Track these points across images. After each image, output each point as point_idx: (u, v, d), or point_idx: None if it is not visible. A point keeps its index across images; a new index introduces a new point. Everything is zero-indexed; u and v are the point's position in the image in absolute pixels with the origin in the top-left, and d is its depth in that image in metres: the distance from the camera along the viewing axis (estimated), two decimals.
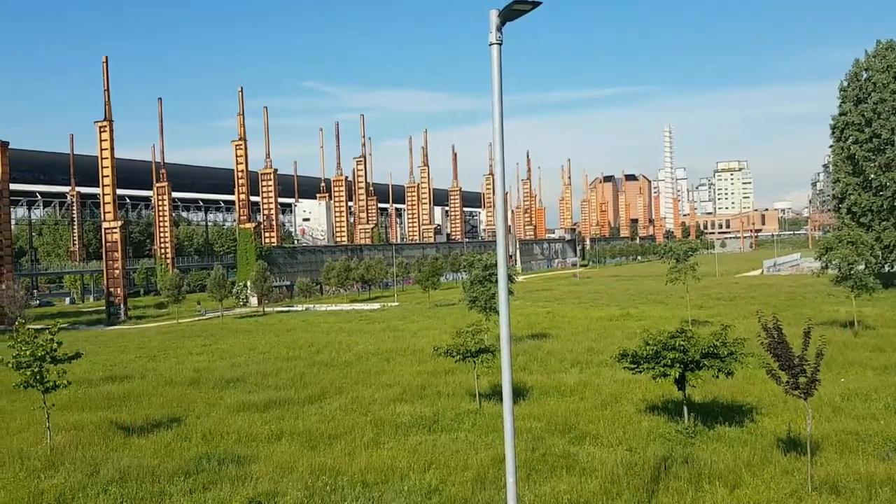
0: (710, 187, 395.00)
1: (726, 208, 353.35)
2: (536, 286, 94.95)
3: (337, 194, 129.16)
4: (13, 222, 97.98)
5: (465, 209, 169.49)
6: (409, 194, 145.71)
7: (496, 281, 36.47)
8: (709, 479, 15.06)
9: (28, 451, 19.65)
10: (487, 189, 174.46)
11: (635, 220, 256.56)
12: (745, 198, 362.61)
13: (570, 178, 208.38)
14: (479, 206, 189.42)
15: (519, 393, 24.08)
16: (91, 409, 25.68)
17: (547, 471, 16.12)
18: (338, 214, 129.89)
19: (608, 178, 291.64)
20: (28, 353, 19.90)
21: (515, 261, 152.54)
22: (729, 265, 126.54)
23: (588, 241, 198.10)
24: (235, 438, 20.57)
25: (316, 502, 14.76)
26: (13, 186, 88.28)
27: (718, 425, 19.36)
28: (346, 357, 36.12)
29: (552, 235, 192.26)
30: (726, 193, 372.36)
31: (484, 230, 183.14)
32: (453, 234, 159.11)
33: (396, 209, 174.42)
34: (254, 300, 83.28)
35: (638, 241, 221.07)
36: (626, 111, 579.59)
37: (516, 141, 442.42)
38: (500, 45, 8.44)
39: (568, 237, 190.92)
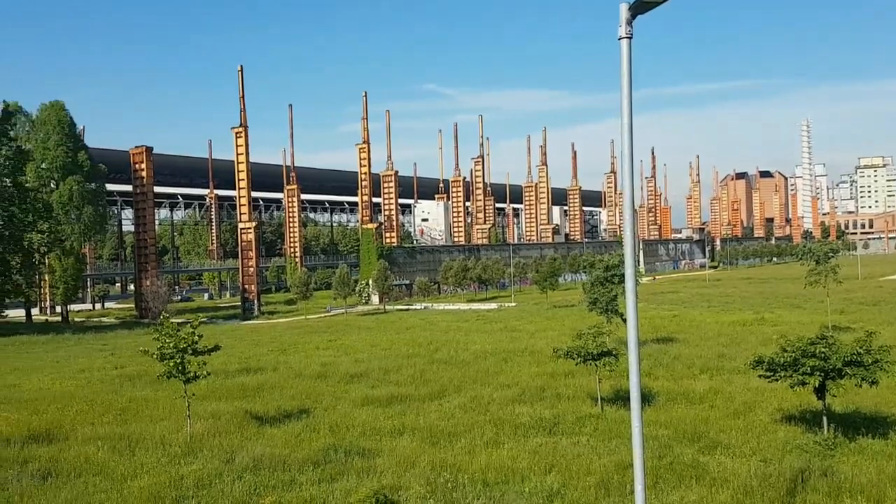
0: (851, 184, 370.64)
1: (869, 207, 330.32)
2: (661, 288, 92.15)
3: (455, 195, 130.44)
4: (157, 223, 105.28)
5: (584, 209, 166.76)
6: (526, 194, 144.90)
7: (618, 282, 35.71)
8: (849, 494, 14.17)
9: (170, 438, 20.87)
10: (608, 188, 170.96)
11: (770, 220, 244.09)
12: (889, 196, 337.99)
13: (698, 175, 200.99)
14: (600, 206, 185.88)
15: (644, 399, 23.23)
16: (227, 399, 27.02)
17: (675, 480, 15.58)
18: (455, 215, 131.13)
19: (741, 175, 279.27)
20: (171, 345, 21.16)
21: (639, 262, 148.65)
22: (872, 268, 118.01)
23: (718, 242, 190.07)
24: (360, 431, 21.14)
25: (438, 498, 14.90)
26: (157, 189, 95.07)
27: (860, 437, 18.23)
28: (464, 356, 36.33)
29: (678, 235, 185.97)
30: (869, 191, 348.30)
31: (604, 230, 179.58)
32: (572, 234, 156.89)
33: (514, 209, 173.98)
34: (375, 298, 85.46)
35: (773, 241, 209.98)
36: (758, 105, 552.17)
37: (639, 137, 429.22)
38: (630, 39, 8.20)
39: (696, 237, 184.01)
